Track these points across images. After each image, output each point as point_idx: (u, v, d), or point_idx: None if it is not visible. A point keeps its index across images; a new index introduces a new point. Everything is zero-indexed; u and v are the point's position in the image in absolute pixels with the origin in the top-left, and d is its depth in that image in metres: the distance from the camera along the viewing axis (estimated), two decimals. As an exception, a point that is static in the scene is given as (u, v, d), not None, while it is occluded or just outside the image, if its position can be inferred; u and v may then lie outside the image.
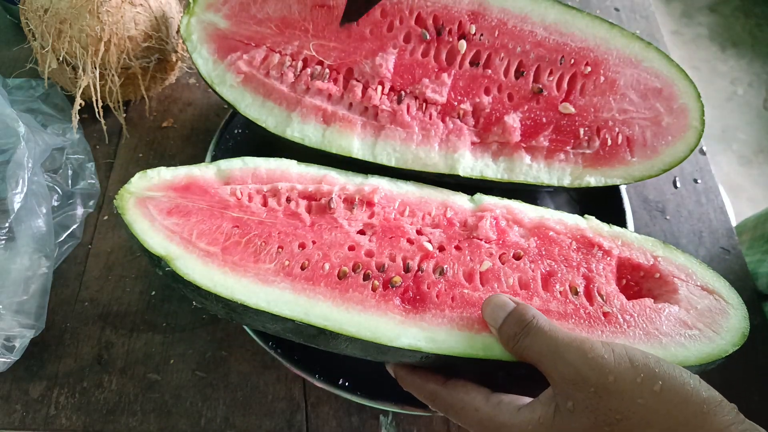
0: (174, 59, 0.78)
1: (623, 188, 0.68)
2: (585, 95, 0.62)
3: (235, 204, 0.54)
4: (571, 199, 0.74)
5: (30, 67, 0.76)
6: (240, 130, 0.72)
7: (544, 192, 0.73)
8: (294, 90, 0.62)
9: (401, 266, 0.52)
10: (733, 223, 0.82)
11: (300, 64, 0.62)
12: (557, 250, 0.54)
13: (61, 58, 0.68)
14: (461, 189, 0.60)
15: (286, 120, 0.61)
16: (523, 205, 0.58)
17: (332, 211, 0.55)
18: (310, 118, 0.61)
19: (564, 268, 0.53)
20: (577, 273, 0.53)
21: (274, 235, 0.52)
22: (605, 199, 0.68)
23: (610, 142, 0.62)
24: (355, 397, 0.55)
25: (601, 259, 0.55)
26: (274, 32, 0.63)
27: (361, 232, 0.54)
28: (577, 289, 0.52)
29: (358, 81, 0.62)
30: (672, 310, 0.51)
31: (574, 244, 0.55)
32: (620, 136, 0.62)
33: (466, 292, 0.51)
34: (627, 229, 0.58)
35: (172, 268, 0.49)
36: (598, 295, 0.52)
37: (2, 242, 0.61)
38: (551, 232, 0.56)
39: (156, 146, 0.79)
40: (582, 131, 0.62)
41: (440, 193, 0.59)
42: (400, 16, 0.62)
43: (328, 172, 0.58)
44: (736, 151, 2.27)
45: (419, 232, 0.55)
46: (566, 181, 0.62)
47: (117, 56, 0.69)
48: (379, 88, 0.61)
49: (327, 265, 0.51)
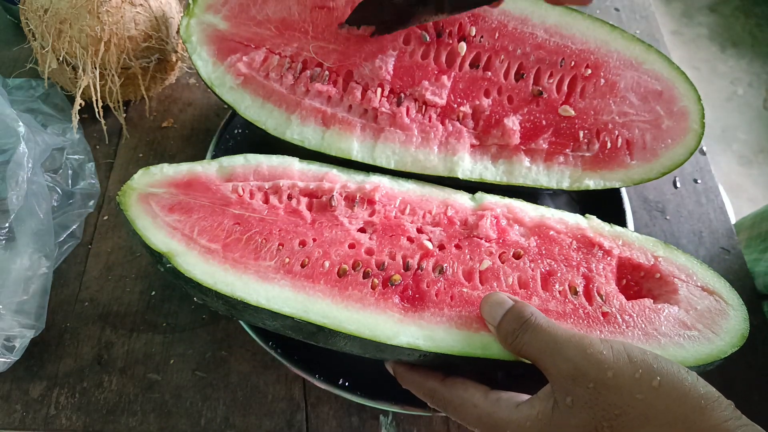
0: (174, 59, 0.78)
1: (623, 189, 0.68)
2: (585, 98, 0.62)
3: (237, 201, 0.54)
4: (572, 200, 0.73)
5: (30, 67, 0.76)
6: (240, 130, 0.72)
7: (545, 193, 0.73)
8: (293, 92, 0.62)
9: (401, 264, 0.52)
10: (733, 223, 0.82)
11: (299, 66, 0.62)
12: (557, 250, 0.54)
13: (61, 58, 0.68)
14: (463, 189, 0.60)
15: (285, 122, 0.61)
16: (524, 204, 0.58)
17: (333, 208, 0.55)
18: (310, 120, 0.61)
19: (564, 267, 0.53)
20: (576, 273, 0.53)
21: (275, 232, 0.52)
22: (605, 199, 0.68)
23: (609, 145, 0.62)
24: (355, 397, 0.55)
25: (602, 259, 0.55)
26: (273, 34, 0.63)
27: (362, 230, 0.54)
28: (577, 288, 0.52)
29: (358, 83, 0.62)
30: (671, 311, 0.51)
31: (575, 243, 0.55)
32: (620, 139, 0.62)
33: (465, 290, 0.51)
34: (628, 229, 0.58)
35: (174, 265, 0.49)
36: (597, 295, 0.52)
37: (2, 242, 0.61)
38: (552, 232, 0.56)
39: (156, 146, 0.79)
40: (582, 134, 0.62)
41: (441, 192, 0.59)
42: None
43: (330, 170, 0.58)
44: (736, 151, 2.27)
45: (419, 231, 0.55)
46: (565, 184, 0.62)
47: (117, 56, 0.69)
48: (379, 90, 0.61)
49: (327, 263, 0.51)
